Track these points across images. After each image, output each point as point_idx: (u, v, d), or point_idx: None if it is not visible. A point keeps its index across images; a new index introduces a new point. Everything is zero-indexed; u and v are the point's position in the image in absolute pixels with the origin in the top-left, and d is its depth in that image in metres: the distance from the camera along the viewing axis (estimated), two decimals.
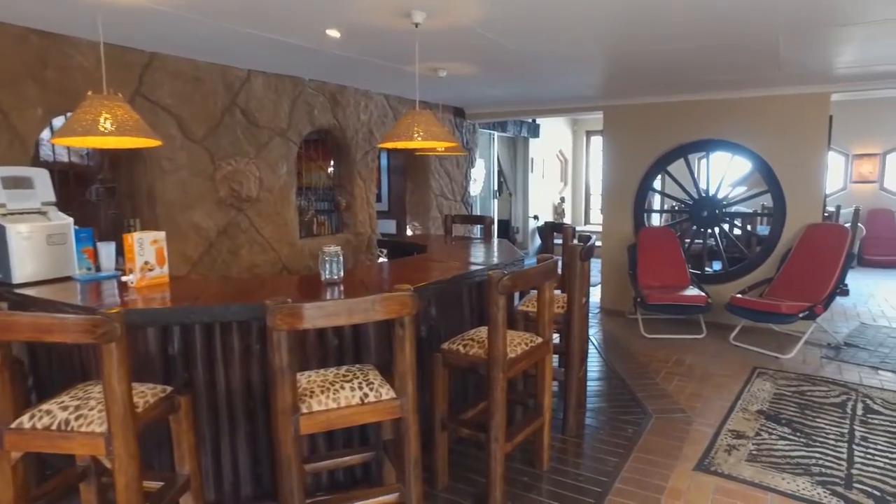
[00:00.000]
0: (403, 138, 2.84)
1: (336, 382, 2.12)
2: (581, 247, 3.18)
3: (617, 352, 4.89)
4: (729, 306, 4.96)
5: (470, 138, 7.37)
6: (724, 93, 5.44)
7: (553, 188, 11.63)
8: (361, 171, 5.62)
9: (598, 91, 5.70)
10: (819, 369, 4.38)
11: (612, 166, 6.28)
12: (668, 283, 5.57)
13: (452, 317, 3.32)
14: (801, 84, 5.04)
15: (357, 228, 5.63)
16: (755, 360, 4.57)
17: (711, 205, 5.91)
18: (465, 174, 7.34)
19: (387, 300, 2.01)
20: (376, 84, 5.33)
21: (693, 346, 4.97)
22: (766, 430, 3.37)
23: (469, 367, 2.64)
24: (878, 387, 4.05)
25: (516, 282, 2.43)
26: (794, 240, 5.29)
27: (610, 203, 6.32)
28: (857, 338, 5.17)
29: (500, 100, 6.40)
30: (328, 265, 2.75)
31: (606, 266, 6.36)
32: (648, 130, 5.97)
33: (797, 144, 5.24)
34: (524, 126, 10.01)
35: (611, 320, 5.94)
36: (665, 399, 3.85)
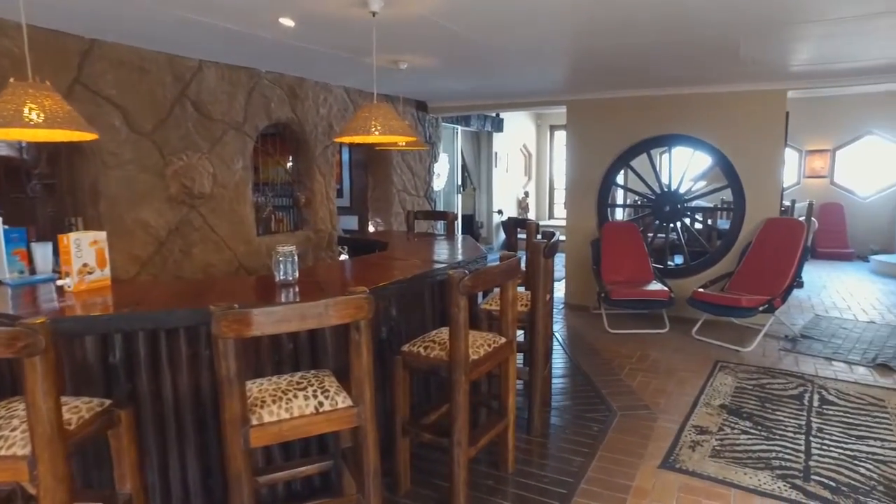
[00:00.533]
0: (360, 132, 2.72)
1: (289, 391, 2.01)
2: (545, 243, 3.12)
3: (581, 348, 4.88)
4: (691, 301, 5.00)
5: (433, 133, 7.27)
6: (686, 88, 5.48)
7: (517, 183, 11.62)
8: (321, 166, 5.46)
9: (562, 85, 5.66)
10: (777, 361, 4.45)
11: (575, 161, 6.27)
12: (632, 278, 5.59)
13: (414, 317, 3.23)
14: (760, 81, 5.10)
15: (317, 225, 5.48)
16: (717, 354, 4.62)
17: (673, 199, 5.96)
18: (428, 169, 7.23)
19: (341, 304, 1.90)
20: (336, 76, 5.18)
21: (657, 341, 4.99)
22: (729, 424, 3.39)
23: (430, 370, 2.55)
24: (833, 377, 4.13)
25: (478, 282, 2.35)
26: (753, 234, 5.38)
27: (573, 198, 6.32)
28: (812, 329, 5.29)
29: (464, 93, 6.31)
30: (282, 266, 2.62)
31: (570, 261, 6.36)
32: (612, 125, 5.97)
33: (756, 140, 5.32)
34: (488, 120, 9.96)
35: (575, 316, 5.94)
36: (630, 395, 3.84)
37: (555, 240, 3.34)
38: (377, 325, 2.99)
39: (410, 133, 2.84)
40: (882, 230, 9.31)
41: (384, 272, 3.09)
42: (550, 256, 3.27)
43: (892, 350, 4.69)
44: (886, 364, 4.34)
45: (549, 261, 3.35)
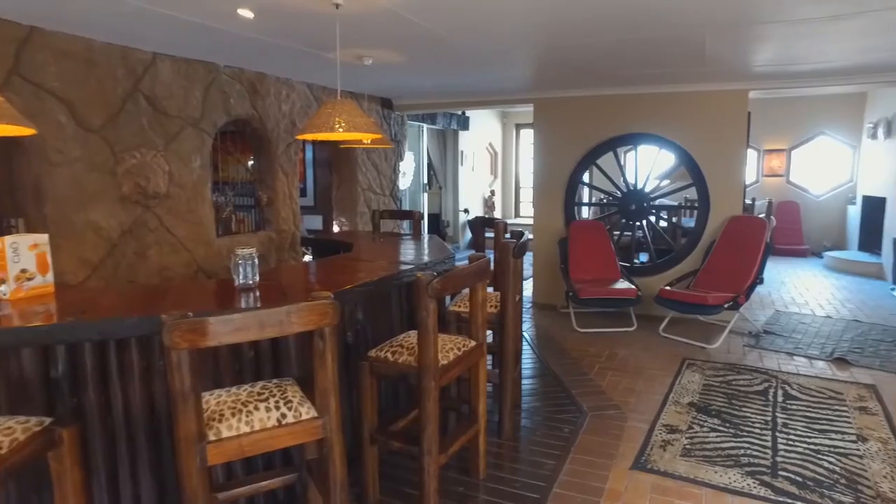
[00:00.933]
0: (324, 129, 2.61)
1: (250, 402, 1.89)
2: (514, 243, 3.06)
3: (550, 347, 4.85)
4: (658, 299, 5.03)
5: (398, 130, 7.16)
6: (652, 87, 5.51)
7: (483, 181, 11.61)
8: (284, 164, 5.30)
9: (529, 83, 5.63)
10: (742, 358, 4.51)
11: (542, 159, 6.26)
12: (600, 276, 5.60)
13: (381, 320, 3.13)
14: (723, 81, 5.17)
15: (279, 225, 5.31)
16: (684, 352, 4.65)
17: (639, 198, 6.00)
18: (393, 167, 7.12)
19: (304, 310, 1.79)
20: (298, 72, 5.03)
21: (625, 339, 5.01)
22: (698, 422, 3.40)
23: (399, 376, 2.46)
24: (794, 372, 4.20)
25: (447, 284, 2.27)
26: (717, 232, 5.45)
27: (541, 196, 6.30)
28: (773, 325, 5.39)
29: (430, 91, 6.23)
30: (242, 269, 2.49)
31: (538, 260, 6.35)
32: (579, 123, 5.98)
33: (719, 139, 5.39)
34: (454, 118, 9.90)
35: (543, 315, 5.92)
36: (600, 395, 3.82)
37: (524, 239, 3.29)
38: (342, 330, 2.88)
39: (376, 130, 2.74)
40: (834, 227, 9.61)
41: (349, 274, 2.99)
42: (520, 256, 3.21)
43: (848, 344, 4.81)
44: (843, 358, 4.44)
45: (519, 261, 3.30)
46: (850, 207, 9.34)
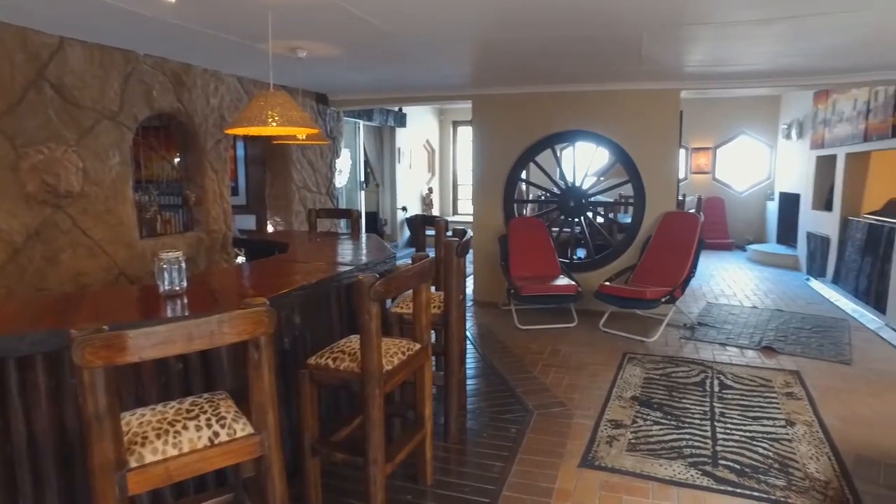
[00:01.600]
0: (255, 123, 2.44)
1: (178, 421, 1.71)
2: (457, 242, 2.98)
3: (493, 346, 4.82)
4: (598, 294, 5.10)
5: (334, 127, 6.95)
6: (590, 85, 5.58)
7: (421, 179, 11.51)
8: (213, 161, 5.01)
9: (468, 79, 5.58)
10: (680, 350, 4.63)
11: (481, 156, 6.22)
12: (540, 273, 5.63)
13: (320, 324, 2.98)
14: (658, 80, 5.29)
15: (210, 226, 5.02)
16: (624, 346, 4.73)
17: (578, 195, 6.07)
18: (329, 165, 6.91)
19: (237, 319, 1.64)
20: (227, 64, 4.75)
21: (566, 336, 5.04)
22: (641, 416, 3.44)
23: (341, 383, 2.33)
24: (728, 362, 4.35)
25: (390, 287, 2.16)
26: (653, 228, 5.58)
27: (480, 194, 6.27)
28: (706, 316, 5.59)
29: (366, 86, 6.07)
30: (167, 274, 2.29)
31: (479, 257, 6.31)
32: (517, 121, 5.98)
33: (654, 137, 5.52)
34: (390, 115, 9.74)
35: (485, 312, 5.90)
36: (544, 393, 3.81)
37: (467, 238, 3.22)
38: (279, 336, 2.72)
39: (311, 125, 2.59)
40: (755, 221, 10.13)
41: (286, 277, 2.82)
42: (463, 255, 3.14)
43: (773, 333, 5.04)
44: (770, 346, 4.64)
45: (462, 260, 3.23)
46: (768, 203, 9.86)
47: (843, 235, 6.73)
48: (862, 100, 6.20)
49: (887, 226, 5.79)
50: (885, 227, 5.82)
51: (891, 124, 5.55)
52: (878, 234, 5.92)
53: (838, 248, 6.82)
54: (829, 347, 4.66)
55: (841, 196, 6.77)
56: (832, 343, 4.78)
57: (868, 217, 6.30)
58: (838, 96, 6.84)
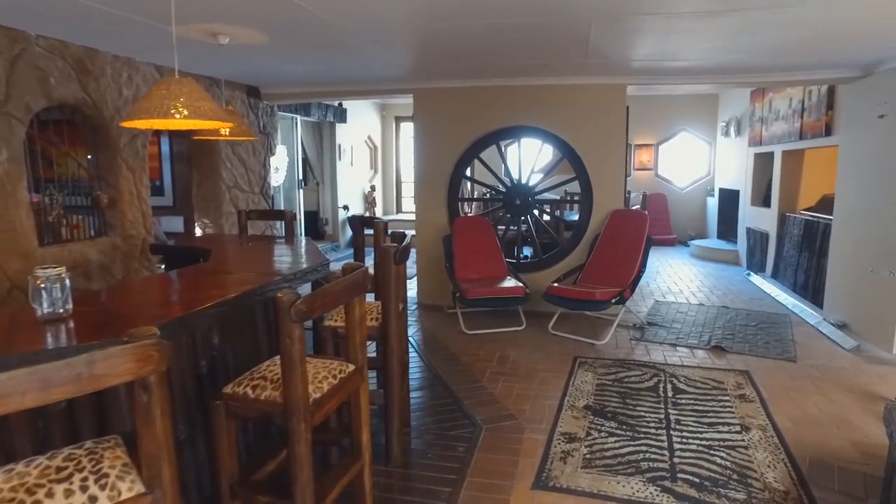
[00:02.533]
0: (156, 115, 2.08)
1: (40, 487, 1.36)
2: (395, 248, 2.70)
3: (438, 353, 4.57)
4: (546, 296, 4.93)
5: (268, 122, 6.52)
6: (535, 79, 5.40)
7: (363, 176, 11.14)
8: (129, 158, 4.53)
9: (409, 72, 5.30)
10: (631, 352, 4.51)
11: (423, 153, 5.95)
12: (486, 274, 5.42)
13: (244, 343, 2.65)
14: (605, 75, 5.16)
15: (126, 230, 4.55)
16: (574, 349, 4.57)
17: (524, 192, 5.89)
18: (263, 162, 6.48)
19: (115, 357, 1.31)
20: (140, 50, 4.30)
21: (514, 340, 4.85)
22: (595, 427, 3.26)
23: (261, 416, 2.01)
24: (679, 363, 4.26)
25: (315, 304, 1.86)
26: (601, 226, 5.46)
27: (423, 192, 6.00)
28: (655, 315, 5.52)
29: (301, 78, 5.69)
30: (45, 295, 1.91)
31: (422, 258, 6.05)
32: (460, 115, 5.74)
33: (601, 133, 5.40)
34: (330, 110, 9.34)
35: (429, 316, 5.64)
36: (493, 405, 3.58)
37: (406, 242, 2.94)
38: (194, 359, 2.37)
39: (225, 118, 2.25)
40: (696, 217, 10.31)
41: (202, 291, 2.47)
42: (402, 262, 2.86)
43: (721, 331, 5.01)
44: (719, 346, 4.59)
45: (402, 266, 2.95)
46: (709, 199, 10.04)
47: (781, 231, 6.85)
48: (797, 99, 6.30)
49: (822, 222, 5.89)
50: (820, 223, 5.92)
51: (824, 123, 5.64)
52: (814, 230, 6.02)
53: (777, 244, 6.94)
54: (775, 345, 4.65)
55: (778, 193, 6.89)
56: (777, 340, 4.78)
57: (804, 213, 6.42)
58: (774, 95, 6.95)
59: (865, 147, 4.90)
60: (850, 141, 5.16)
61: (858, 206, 4.99)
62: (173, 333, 2.00)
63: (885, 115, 4.63)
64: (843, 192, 5.26)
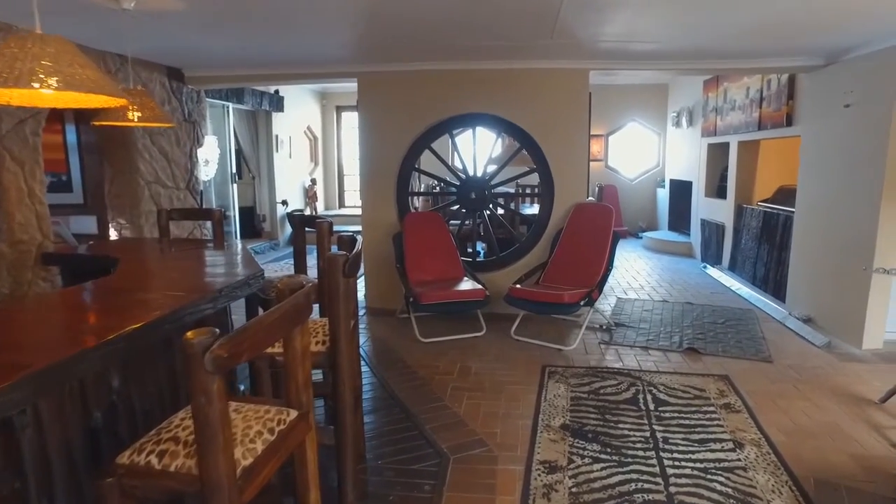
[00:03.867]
0: (9, 83, 1.50)
1: None
2: (344, 258, 2.20)
3: (393, 366, 4.09)
4: (509, 298, 4.53)
5: (194, 109, 5.82)
6: (492, 63, 4.96)
7: (303, 169, 10.46)
8: (14, 149, 3.80)
9: (352, 53, 4.76)
10: (602, 359, 4.17)
11: (369, 143, 5.43)
12: (441, 275, 4.97)
13: (154, 382, 2.09)
14: (567, 58, 4.78)
15: (15, 235, 3.82)
16: (541, 356, 4.19)
17: (480, 185, 5.46)
18: (189, 154, 5.78)
19: None
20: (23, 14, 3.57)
21: (475, 348, 4.42)
22: (577, 452, 2.87)
23: (170, 497, 1.49)
24: (655, 370, 3.95)
25: (241, 347, 1.35)
26: (563, 220, 5.11)
27: (370, 186, 5.47)
28: (620, 315, 5.23)
29: (228, 59, 5.04)
30: None
31: (370, 259, 5.53)
32: (410, 102, 5.25)
33: (562, 121, 5.03)
34: (265, 98, 8.63)
35: (380, 323, 5.14)
36: (460, 429, 3.14)
37: (357, 249, 2.44)
38: (84, 409, 1.81)
39: (115, 91, 1.69)
40: (647, 209, 10.21)
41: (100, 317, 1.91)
42: (352, 275, 2.36)
43: (691, 330, 4.76)
44: (692, 347, 4.33)
45: (352, 280, 2.46)
46: (659, 190, 9.95)
47: (738, 223, 6.73)
48: (754, 88, 6.15)
49: (782, 214, 5.76)
50: (780, 215, 5.79)
51: (785, 113, 5.48)
52: (774, 222, 5.89)
53: (734, 236, 6.82)
54: (748, 344, 4.42)
55: (735, 184, 6.76)
56: (748, 338, 4.56)
57: (763, 205, 6.30)
58: (730, 84, 6.81)
59: (829, 137, 4.74)
60: (812, 131, 5.00)
61: (822, 198, 4.84)
62: (42, 387, 1.45)
63: (850, 105, 4.47)
64: (806, 184, 5.11)
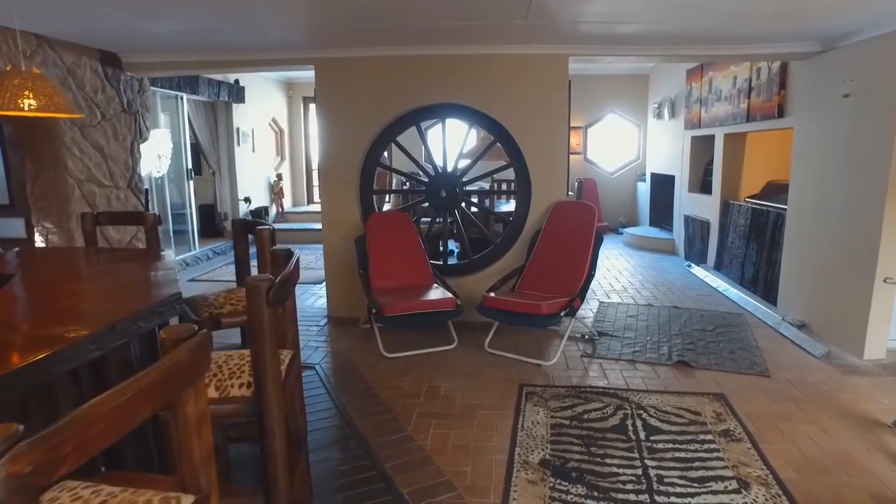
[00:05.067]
0: None
1: None
2: (268, 284, 1.73)
3: (352, 387, 3.64)
4: (482, 308, 4.10)
5: (134, 98, 5.25)
6: (463, 48, 4.51)
7: (268, 164, 9.89)
8: None
9: (309, 36, 4.28)
10: (585, 375, 3.77)
11: (329, 136, 4.94)
12: (408, 282, 4.52)
13: None
14: (545, 42, 4.36)
15: None
16: (518, 373, 3.78)
17: (451, 182, 5.01)
18: (129, 149, 5.22)
19: None
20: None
21: (445, 363, 3.99)
22: (560, 497, 2.45)
23: None
24: (644, 388, 3.56)
25: (58, 453, 0.89)
26: (541, 221, 4.69)
27: (330, 184, 4.99)
28: (603, 321, 4.84)
29: (172, 42, 4.51)
30: None
31: (331, 263, 5.06)
32: (373, 91, 4.77)
33: (539, 112, 4.60)
34: (223, 88, 8.05)
35: (343, 334, 4.67)
36: (424, 467, 2.71)
37: (286, 273, 1.96)
38: None
39: None
40: (626, 203, 9.88)
41: None
42: (280, 303, 1.89)
43: (679, 340, 4.39)
44: (683, 360, 3.96)
45: (290, 302, 2.00)
46: (639, 184, 9.62)
47: (725, 220, 6.40)
48: (742, 77, 5.80)
49: (773, 211, 5.43)
50: (770, 213, 5.46)
51: (776, 103, 5.14)
52: (764, 220, 5.56)
53: (720, 234, 6.49)
54: (742, 355, 4.07)
55: (720, 179, 6.42)
56: (741, 348, 4.21)
57: (751, 201, 5.97)
58: (715, 74, 6.45)
59: (825, 130, 4.40)
60: (806, 123, 4.66)
61: (817, 196, 4.50)
62: None
63: (850, 95, 4.12)
64: (799, 180, 4.77)
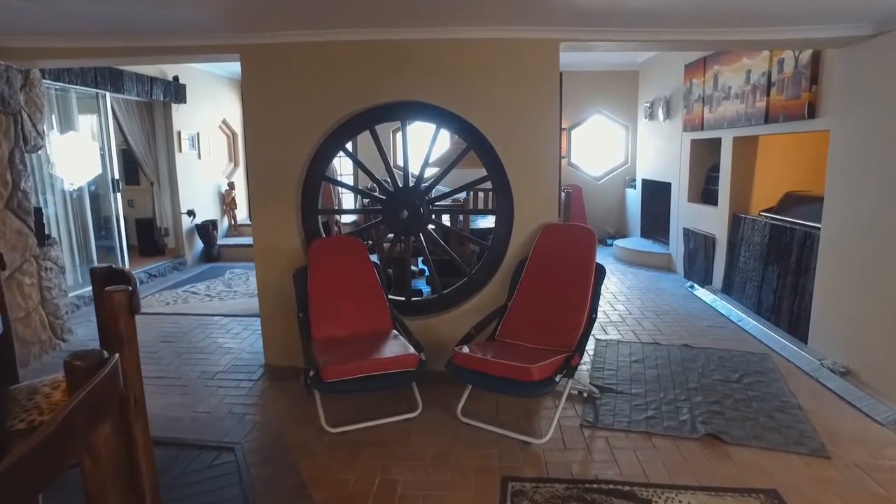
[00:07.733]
0: None
1: None
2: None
3: (280, 484, 2.66)
4: (452, 368, 3.13)
5: (14, 95, 4.20)
6: (428, 30, 3.57)
7: (219, 171, 8.81)
8: None
9: (228, 14, 3.29)
10: (587, 459, 2.83)
11: (260, 141, 3.94)
12: (360, 329, 3.55)
13: None
14: (530, 24, 3.44)
15: None
16: (501, 457, 2.84)
17: (415, 200, 4.04)
18: (8, 158, 4.16)
19: None
20: None
21: (406, 442, 3.03)
22: None
23: None
24: (669, 482, 2.64)
25: None
26: (527, 248, 3.75)
27: (262, 202, 3.99)
28: (602, 369, 3.93)
29: (55, 24, 3.49)
30: None
31: (267, 300, 4.05)
32: (316, 87, 3.79)
33: (525, 112, 3.67)
34: (158, 86, 6.99)
35: (277, 393, 3.68)
36: None
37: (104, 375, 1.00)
38: None
39: None
40: (614, 212, 9.06)
41: None
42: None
43: (700, 397, 3.50)
44: (713, 434, 3.05)
45: None
46: (628, 191, 8.79)
47: (734, 236, 5.56)
48: (759, 71, 4.94)
49: (799, 229, 4.58)
50: (796, 231, 4.61)
51: (806, 101, 4.28)
52: (787, 239, 4.71)
53: (728, 252, 5.64)
54: (784, 421, 3.19)
55: (729, 188, 5.58)
56: (780, 409, 3.33)
57: (768, 216, 5.12)
58: (722, 68, 5.61)
59: (875, 133, 3.55)
60: (849, 125, 3.81)
61: (862, 212, 3.66)
62: None
63: None
64: (837, 193, 3.93)
